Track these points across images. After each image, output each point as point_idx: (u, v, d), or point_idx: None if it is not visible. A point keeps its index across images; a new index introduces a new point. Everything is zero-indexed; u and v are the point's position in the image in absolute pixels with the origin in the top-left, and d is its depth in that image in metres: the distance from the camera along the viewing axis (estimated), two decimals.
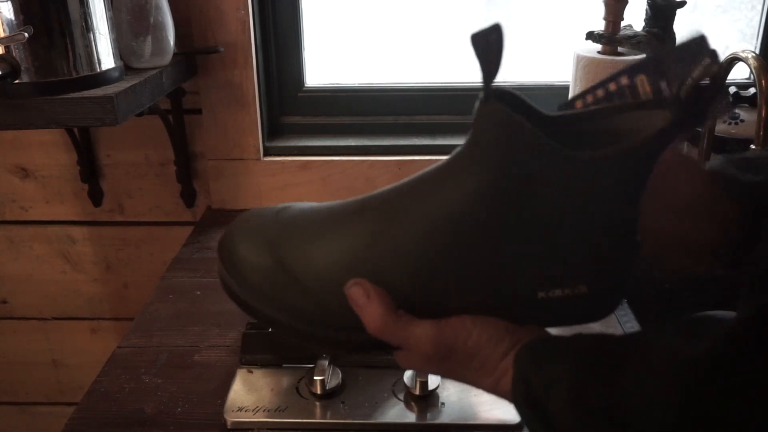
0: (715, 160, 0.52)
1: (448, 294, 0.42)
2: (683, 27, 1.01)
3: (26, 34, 0.75)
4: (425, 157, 1.12)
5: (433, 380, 0.69)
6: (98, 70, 0.83)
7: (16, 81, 0.78)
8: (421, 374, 0.68)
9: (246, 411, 0.67)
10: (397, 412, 0.67)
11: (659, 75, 0.41)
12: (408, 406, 0.68)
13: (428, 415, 0.67)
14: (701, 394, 0.34)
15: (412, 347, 0.43)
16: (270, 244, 0.46)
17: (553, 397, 0.39)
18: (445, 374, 0.47)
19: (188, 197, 1.19)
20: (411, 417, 0.67)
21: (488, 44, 0.37)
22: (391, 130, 1.20)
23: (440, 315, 0.43)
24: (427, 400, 0.68)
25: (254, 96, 1.10)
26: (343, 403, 0.68)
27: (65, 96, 0.80)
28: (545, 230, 0.40)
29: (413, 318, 0.43)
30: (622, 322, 0.83)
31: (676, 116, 0.38)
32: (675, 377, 0.35)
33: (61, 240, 1.24)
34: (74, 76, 0.81)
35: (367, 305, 0.42)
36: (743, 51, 0.89)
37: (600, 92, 0.44)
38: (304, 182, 1.14)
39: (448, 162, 0.42)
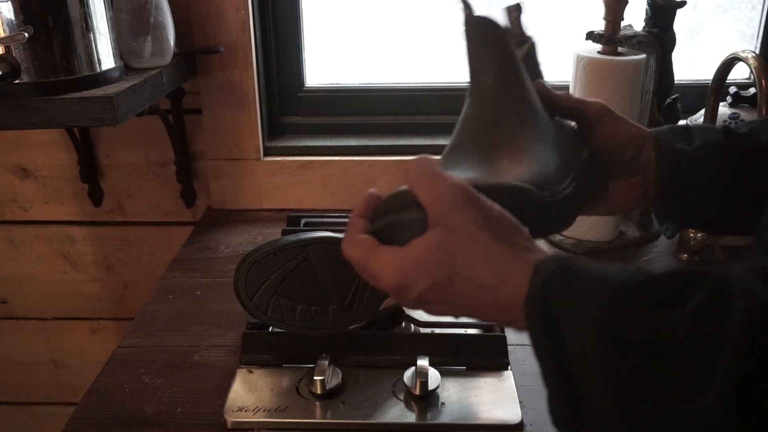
0: (662, 127, 0.60)
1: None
2: (683, 27, 1.01)
3: (26, 34, 0.75)
4: None
5: (433, 380, 0.69)
6: (98, 70, 0.83)
7: (16, 81, 0.78)
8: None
9: (246, 411, 0.67)
10: (397, 412, 0.67)
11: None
12: (408, 406, 0.68)
13: (428, 415, 0.67)
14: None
15: (429, 198, 0.44)
16: None
17: (578, 321, 0.38)
18: (448, 253, 0.43)
19: (188, 197, 1.19)
20: (411, 417, 0.67)
21: None
22: (391, 130, 1.20)
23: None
24: (427, 400, 0.68)
25: (254, 96, 1.10)
26: (343, 403, 0.68)
27: (65, 96, 0.80)
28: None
29: (441, 173, 0.45)
30: None
31: None
32: (755, 323, 0.32)
33: (61, 240, 1.24)
34: (74, 76, 0.81)
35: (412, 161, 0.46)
36: (743, 51, 0.89)
37: None
38: (304, 182, 1.14)
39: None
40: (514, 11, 0.61)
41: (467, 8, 0.59)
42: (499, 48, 0.57)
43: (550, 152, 0.54)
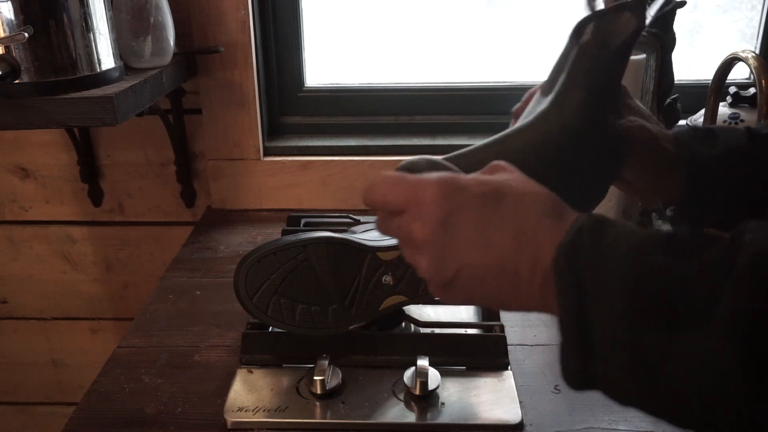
0: (683, 128, 0.61)
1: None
2: (683, 27, 1.01)
3: (26, 34, 0.75)
4: None
5: (433, 380, 0.69)
6: (98, 70, 0.83)
7: (16, 81, 0.78)
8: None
9: (246, 411, 0.67)
10: (397, 412, 0.67)
11: None
12: (408, 406, 0.68)
13: (428, 415, 0.67)
14: None
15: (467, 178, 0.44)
16: None
17: (604, 268, 0.38)
18: (487, 222, 0.43)
19: (188, 197, 1.19)
20: (411, 417, 0.67)
21: None
22: (391, 130, 1.20)
23: None
24: (427, 400, 0.68)
25: (254, 96, 1.10)
26: (343, 403, 0.68)
27: (65, 96, 0.80)
28: None
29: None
30: None
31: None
32: (759, 263, 0.34)
33: (61, 240, 1.24)
34: (74, 76, 0.81)
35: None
36: (743, 51, 0.89)
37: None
38: (304, 182, 1.14)
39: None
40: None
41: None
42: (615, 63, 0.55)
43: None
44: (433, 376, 0.69)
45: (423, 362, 0.69)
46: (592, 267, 0.39)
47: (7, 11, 0.76)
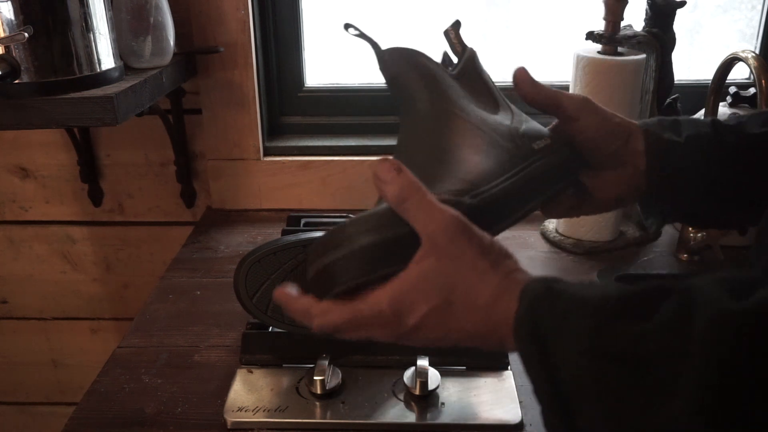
0: (651, 119, 0.59)
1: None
2: (683, 27, 1.01)
3: (26, 34, 0.75)
4: None
5: (433, 380, 0.69)
6: (98, 70, 0.83)
7: (16, 81, 0.78)
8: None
9: (246, 411, 0.67)
10: (397, 412, 0.67)
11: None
12: (408, 406, 0.68)
13: (428, 415, 0.67)
14: (743, 350, 0.33)
15: (427, 228, 0.45)
16: None
17: (563, 337, 0.39)
18: (446, 278, 0.44)
19: (188, 197, 1.19)
20: (411, 417, 0.67)
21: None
22: (391, 130, 1.20)
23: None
24: (427, 400, 0.68)
25: (254, 96, 1.10)
26: (343, 403, 0.68)
27: (65, 96, 0.80)
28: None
29: (437, 202, 0.45)
30: None
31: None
32: (716, 329, 0.34)
33: (61, 240, 1.24)
34: (74, 76, 0.81)
35: (397, 177, 0.45)
36: (743, 51, 0.89)
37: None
38: (304, 182, 1.14)
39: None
40: (452, 29, 0.62)
41: (374, 45, 0.60)
42: (415, 71, 0.58)
43: (479, 156, 0.53)
44: (433, 376, 0.69)
45: (423, 362, 0.69)
46: (553, 336, 0.40)
47: (7, 11, 0.76)
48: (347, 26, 0.62)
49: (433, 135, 0.54)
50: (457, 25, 0.62)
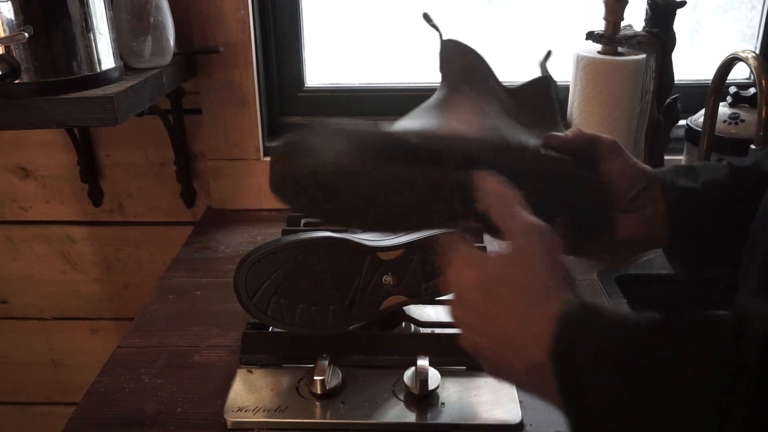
0: (665, 167, 0.61)
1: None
2: (683, 27, 1.01)
3: (26, 34, 0.75)
4: None
5: (433, 380, 0.69)
6: (98, 70, 0.83)
7: (16, 81, 0.78)
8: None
9: (246, 411, 0.67)
10: (397, 412, 0.67)
11: None
12: (408, 406, 0.68)
13: (428, 415, 0.67)
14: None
15: (514, 230, 0.47)
16: None
17: (600, 360, 0.39)
18: (509, 284, 0.46)
19: (188, 197, 1.19)
20: (411, 417, 0.67)
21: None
22: None
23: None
24: (427, 400, 0.68)
25: (254, 96, 1.10)
26: (343, 403, 0.68)
27: (65, 96, 0.80)
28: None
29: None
30: None
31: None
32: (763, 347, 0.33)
33: (61, 240, 1.24)
34: (74, 76, 0.81)
35: (496, 183, 0.49)
36: (743, 51, 0.89)
37: None
38: None
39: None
40: (544, 58, 0.68)
41: (440, 34, 0.68)
42: (458, 61, 0.63)
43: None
44: (433, 376, 0.69)
45: (423, 362, 0.69)
46: (590, 364, 0.39)
47: (7, 11, 0.76)
48: (425, 16, 0.69)
49: (435, 107, 0.58)
50: (548, 54, 0.68)
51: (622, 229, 0.58)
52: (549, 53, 0.68)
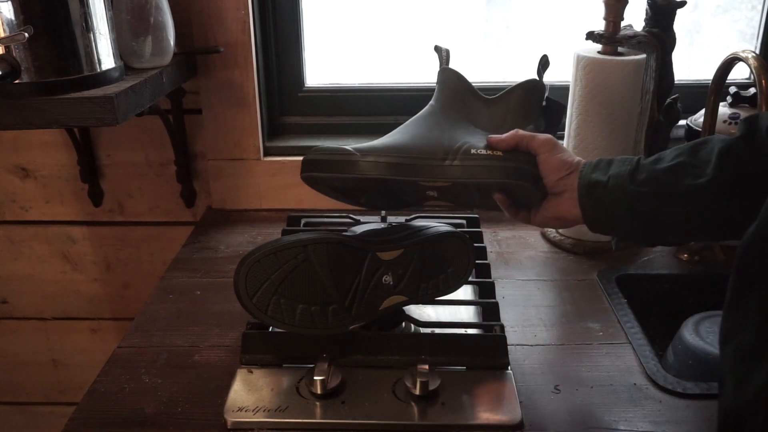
0: (592, 160, 0.73)
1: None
2: (683, 27, 1.00)
3: (26, 34, 0.75)
4: None
5: (433, 380, 0.69)
6: (98, 70, 0.83)
7: (16, 81, 0.78)
8: None
9: (246, 411, 0.67)
10: (397, 412, 0.67)
11: None
12: (408, 406, 0.68)
13: (428, 415, 0.67)
14: None
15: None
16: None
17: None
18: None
19: (188, 197, 1.19)
20: (411, 417, 0.67)
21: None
22: (390, 130, 1.19)
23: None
24: (427, 400, 0.68)
25: (254, 96, 1.10)
26: (343, 403, 0.68)
27: (65, 96, 0.80)
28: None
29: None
30: (622, 322, 0.83)
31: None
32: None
33: (61, 240, 1.24)
34: (74, 76, 0.81)
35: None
36: (743, 51, 0.89)
37: None
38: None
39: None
40: (543, 61, 0.83)
41: (441, 64, 0.86)
42: (446, 83, 0.84)
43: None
44: (433, 376, 0.69)
45: (423, 362, 0.69)
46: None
47: (7, 11, 0.76)
48: (436, 48, 0.88)
49: (417, 121, 0.81)
50: (545, 63, 0.83)
51: (549, 205, 0.73)
52: (547, 62, 0.82)
